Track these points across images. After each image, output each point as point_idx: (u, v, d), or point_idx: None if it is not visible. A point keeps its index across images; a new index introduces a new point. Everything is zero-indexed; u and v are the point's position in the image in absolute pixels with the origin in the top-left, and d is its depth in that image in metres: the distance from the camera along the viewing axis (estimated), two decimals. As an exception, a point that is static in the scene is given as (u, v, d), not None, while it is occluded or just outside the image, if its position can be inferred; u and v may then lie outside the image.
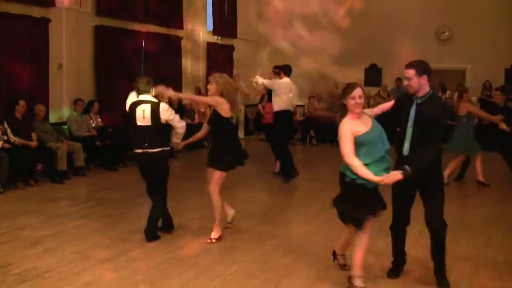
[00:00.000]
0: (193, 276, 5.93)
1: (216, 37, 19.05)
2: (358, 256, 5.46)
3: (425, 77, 5.39)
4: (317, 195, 10.24)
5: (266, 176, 12.17)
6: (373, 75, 19.27)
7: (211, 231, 7.25)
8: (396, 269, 5.97)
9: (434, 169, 5.49)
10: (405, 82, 5.49)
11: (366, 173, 5.12)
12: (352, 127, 5.25)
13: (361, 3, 19.71)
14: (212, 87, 7.23)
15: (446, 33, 19.39)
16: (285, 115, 11.83)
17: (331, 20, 20.27)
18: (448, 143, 10.36)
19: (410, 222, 5.79)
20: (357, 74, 19.37)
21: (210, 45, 18.71)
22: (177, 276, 5.90)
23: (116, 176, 11.83)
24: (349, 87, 5.33)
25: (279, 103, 11.73)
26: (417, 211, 5.69)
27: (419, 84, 5.38)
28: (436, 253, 5.65)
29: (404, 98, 5.67)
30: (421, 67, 5.40)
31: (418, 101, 5.42)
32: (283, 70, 11.92)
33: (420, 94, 5.42)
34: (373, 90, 18.67)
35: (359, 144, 5.22)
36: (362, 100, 5.28)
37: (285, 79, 11.81)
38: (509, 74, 18.63)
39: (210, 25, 18.94)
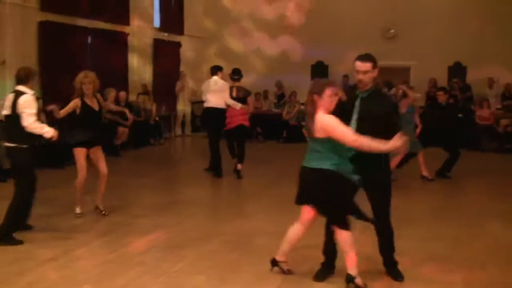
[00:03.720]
0: (138, 274, 5.86)
1: (163, 33, 18.91)
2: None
3: (376, 71, 5.38)
4: (263, 192, 10.29)
5: (211, 173, 12.13)
6: (320, 72, 19.41)
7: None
8: (328, 270, 5.81)
9: (379, 167, 5.51)
10: (359, 76, 5.34)
11: (378, 146, 5.14)
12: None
13: (309, 2, 19.88)
14: (91, 87, 8.03)
15: (392, 31, 19.64)
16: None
17: (280, 18, 20.35)
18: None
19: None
20: (304, 71, 19.52)
21: (157, 42, 18.55)
22: (122, 275, 5.82)
23: (61, 174, 11.60)
24: (328, 83, 5.34)
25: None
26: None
27: (372, 79, 5.35)
28: (386, 247, 5.76)
29: (349, 92, 5.61)
30: (376, 61, 5.38)
31: (363, 95, 5.42)
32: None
33: (366, 88, 5.41)
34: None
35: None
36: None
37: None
38: (452, 71, 19.01)
39: (157, 22, 18.80)
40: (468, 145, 15.68)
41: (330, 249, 5.78)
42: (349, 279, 5.40)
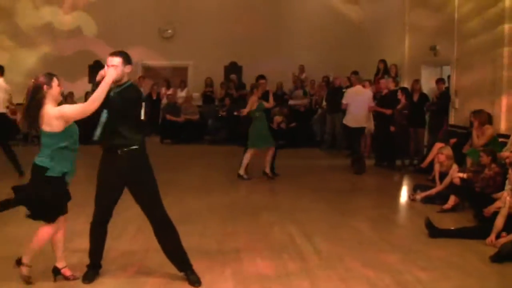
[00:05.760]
0: None
1: None
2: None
3: (129, 67, 5.53)
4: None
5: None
6: (97, 72, 18.93)
7: None
8: (95, 270, 5.80)
9: (140, 165, 5.58)
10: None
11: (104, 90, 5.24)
12: None
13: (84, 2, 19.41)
14: None
15: (170, 31, 19.85)
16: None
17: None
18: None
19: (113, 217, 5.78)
20: (82, 71, 19.04)
21: None
22: None
23: None
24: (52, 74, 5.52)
25: None
26: (136, 207, 5.72)
27: (123, 73, 5.48)
28: (175, 250, 5.77)
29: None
30: (127, 57, 5.55)
31: (116, 90, 5.46)
32: None
33: (120, 83, 5.49)
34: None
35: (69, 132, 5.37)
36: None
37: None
38: (228, 70, 19.70)
39: None
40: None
41: (95, 250, 5.76)
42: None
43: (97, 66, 18.79)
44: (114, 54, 5.54)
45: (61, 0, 19.57)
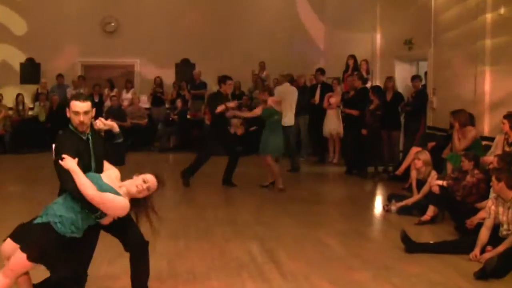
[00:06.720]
0: None
1: None
2: None
3: (94, 110, 5.29)
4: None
5: None
6: (29, 71, 18.69)
7: None
8: None
9: None
10: (81, 118, 5.11)
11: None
12: None
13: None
14: None
15: (113, 24, 19.57)
16: None
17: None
18: None
19: None
20: (11, 72, 18.69)
21: None
22: None
23: None
24: None
25: None
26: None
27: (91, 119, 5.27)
28: (141, 277, 5.66)
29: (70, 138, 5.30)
30: (93, 99, 5.31)
31: (91, 135, 5.32)
32: None
33: (88, 129, 5.28)
34: (32, 88, 18.17)
35: None
36: None
37: None
38: (180, 68, 19.58)
39: None
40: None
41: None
42: None
43: (29, 65, 18.58)
44: (82, 99, 5.18)
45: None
